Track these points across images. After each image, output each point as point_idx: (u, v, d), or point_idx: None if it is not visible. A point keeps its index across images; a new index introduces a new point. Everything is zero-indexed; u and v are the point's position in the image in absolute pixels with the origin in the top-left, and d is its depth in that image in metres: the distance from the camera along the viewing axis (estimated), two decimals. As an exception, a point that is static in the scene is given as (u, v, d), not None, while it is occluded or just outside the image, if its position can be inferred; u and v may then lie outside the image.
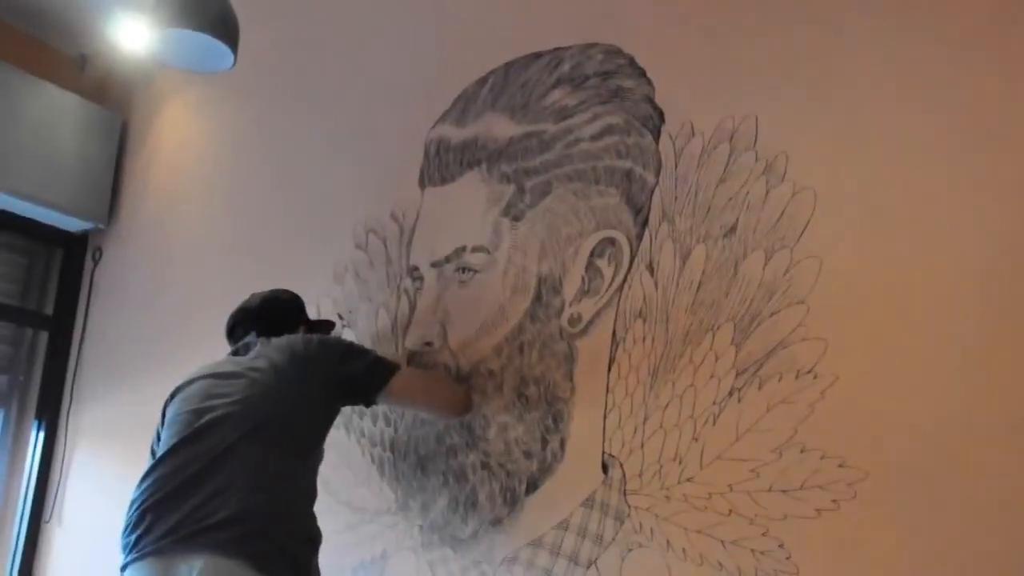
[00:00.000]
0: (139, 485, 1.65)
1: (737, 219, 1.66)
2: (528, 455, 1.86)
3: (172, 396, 1.83)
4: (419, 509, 2.03)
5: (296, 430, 1.72)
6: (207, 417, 1.67)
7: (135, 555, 1.56)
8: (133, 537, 1.58)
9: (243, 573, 1.48)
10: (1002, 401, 1.32)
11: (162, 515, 1.56)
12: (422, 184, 2.26)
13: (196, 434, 1.65)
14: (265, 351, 1.80)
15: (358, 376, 1.83)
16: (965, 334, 1.38)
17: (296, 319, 2.04)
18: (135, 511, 1.61)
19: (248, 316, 2.00)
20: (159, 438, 1.80)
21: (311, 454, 1.77)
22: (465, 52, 2.29)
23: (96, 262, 3.50)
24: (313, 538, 1.67)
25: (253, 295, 2.07)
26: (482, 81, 2.20)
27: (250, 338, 1.91)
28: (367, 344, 2.24)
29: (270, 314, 1.99)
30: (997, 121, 1.41)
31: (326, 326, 2.15)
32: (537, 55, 2.09)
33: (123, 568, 1.59)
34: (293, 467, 1.68)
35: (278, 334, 1.90)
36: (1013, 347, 1.33)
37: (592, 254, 1.86)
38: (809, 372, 1.51)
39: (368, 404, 1.89)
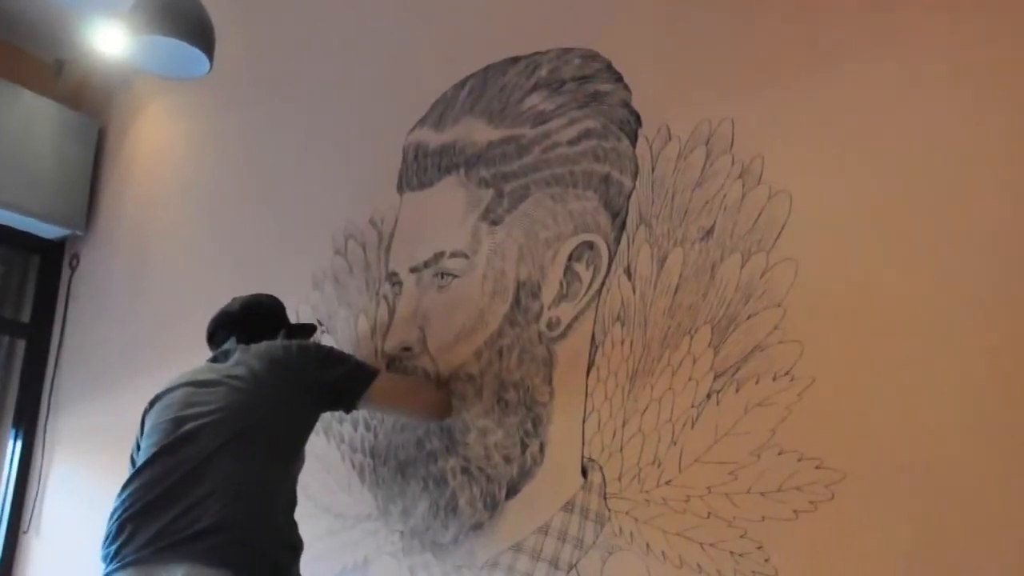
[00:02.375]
0: (119, 495, 1.64)
1: (714, 222, 1.67)
2: (508, 460, 1.86)
3: (151, 405, 1.81)
4: (400, 515, 2.02)
5: (277, 437, 1.71)
6: (187, 426, 1.66)
7: (116, 565, 1.54)
8: (114, 548, 1.57)
9: None
10: (980, 401, 1.33)
11: (143, 525, 1.55)
12: (401, 189, 2.26)
13: (176, 443, 1.64)
14: (245, 358, 1.79)
15: (338, 382, 1.83)
16: (942, 335, 1.39)
17: (277, 324, 2.04)
18: (115, 522, 1.59)
19: (228, 321, 1.99)
20: (139, 447, 1.79)
21: (292, 461, 1.76)
22: (443, 57, 2.29)
23: (73, 269, 3.48)
24: (295, 545, 1.66)
25: (234, 299, 2.06)
26: (460, 85, 2.20)
27: (229, 344, 1.90)
28: (347, 350, 2.23)
29: (251, 319, 1.99)
30: (975, 124, 1.42)
31: (307, 330, 2.14)
32: (515, 60, 2.10)
33: None
34: (274, 475, 1.68)
35: (258, 339, 1.89)
36: (991, 348, 1.34)
37: (570, 258, 1.86)
38: (786, 374, 1.51)
39: (348, 410, 1.89)
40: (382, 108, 2.41)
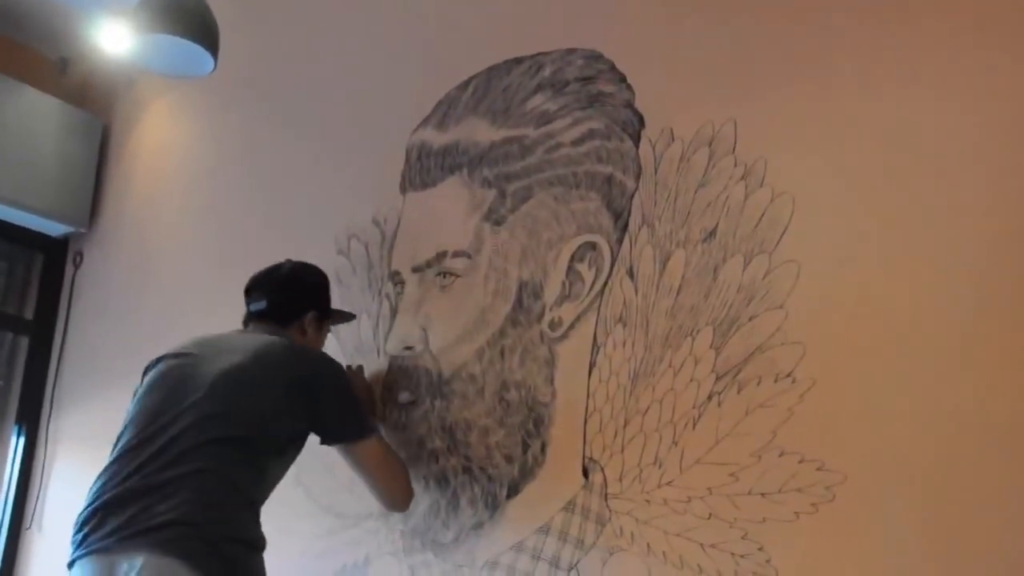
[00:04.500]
0: (95, 482, 1.69)
1: (716, 224, 1.67)
2: (509, 459, 1.86)
3: (158, 361, 1.85)
4: (400, 514, 2.02)
5: (255, 446, 1.71)
6: (167, 420, 1.68)
7: (82, 552, 1.60)
8: (82, 534, 1.63)
9: (179, 570, 1.51)
10: (981, 403, 1.33)
11: (110, 516, 1.60)
12: (404, 189, 2.26)
13: (154, 436, 1.67)
14: (258, 360, 1.76)
15: (330, 418, 1.83)
16: (943, 337, 1.39)
17: (313, 304, 2.03)
18: (86, 510, 1.65)
19: (269, 284, 2.00)
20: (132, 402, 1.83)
21: (268, 468, 1.76)
22: (446, 57, 2.29)
23: (77, 266, 3.48)
24: (254, 542, 1.67)
25: (286, 261, 2.06)
26: (463, 86, 2.21)
27: (259, 305, 1.95)
28: (348, 348, 2.24)
29: (290, 291, 2.00)
30: (977, 126, 1.43)
31: (341, 316, 2.14)
32: (518, 60, 2.10)
33: (70, 564, 1.63)
34: (245, 478, 1.69)
35: (290, 310, 1.95)
36: (991, 350, 1.34)
37: (573, 258, 1.86)
38: (788, 376, 1.52)
39: (323, 443, 1.87)
40: (385, 108, 2.41)
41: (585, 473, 1.74)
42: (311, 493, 2.22)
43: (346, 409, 1.86)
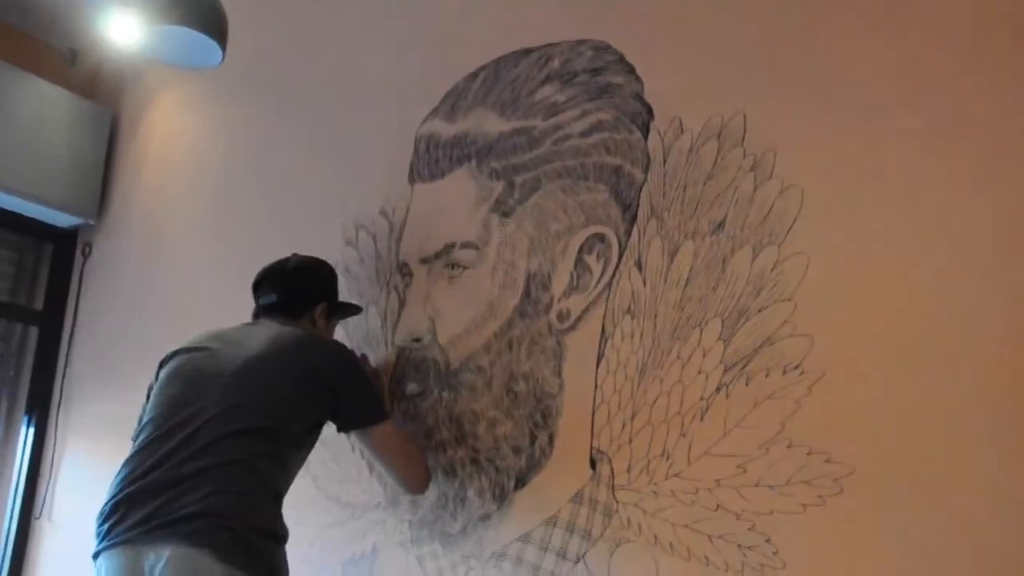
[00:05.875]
0: (118, 474, 1.70)
1: (725, 216, 1.67)
2: (517, 451, 1.86)
3: (173, 355, 1.87)
4: (408, 504, 2.03)
5: (278, 438, 1.73)
6: (188, 413, 1.69)
7: (107, 543, 1.61)
8: (106, 526, 1.64)
9: (206, 562, 1.52)
10: (989, 397, 1.33)
11: (134, 507, 1.61)
12: (412, 180, 2.26)
13: (174, 429, 1.68)
14: (273, 351, 1.78)
15: (343, 406, 1.84)
16: (951, 329, 1.38)
17: (322, 295, 2.06)
18: (109, 502, 1.66)
19: (276, 277, 2.02)
20: (148, 397, 1.85)
21: (289, 461, 1.77)
22: (455, 48, 2.29)
23: (86, 257, 3.49)
24: (277, 533, 1.68)
25: (293, 255, 2.09)
26: (472, 77, 2.20)
27: (269, 299, 1.97)
28: (357, 339, 2.24)
29: (299, 283, 2.03)
30: (989, 119, 1.42)
31: (349, 310, 2.16)
32: (527, 51, 2.09)
33: (95, 555, 1.65)
34: (269, 470, 1.70)
35: (299, 303, 1.98)
36: (1001, 344, 1.34)
37: (581, 250, 1.86)
38: (796, 368, 1.51)
39: (340, 431, 1.90)
40: (394, 98, 2.41)
41: (593, 464, 1.74)
42: (318, 483, 2.22)
43: (362, 395, 1.87)
